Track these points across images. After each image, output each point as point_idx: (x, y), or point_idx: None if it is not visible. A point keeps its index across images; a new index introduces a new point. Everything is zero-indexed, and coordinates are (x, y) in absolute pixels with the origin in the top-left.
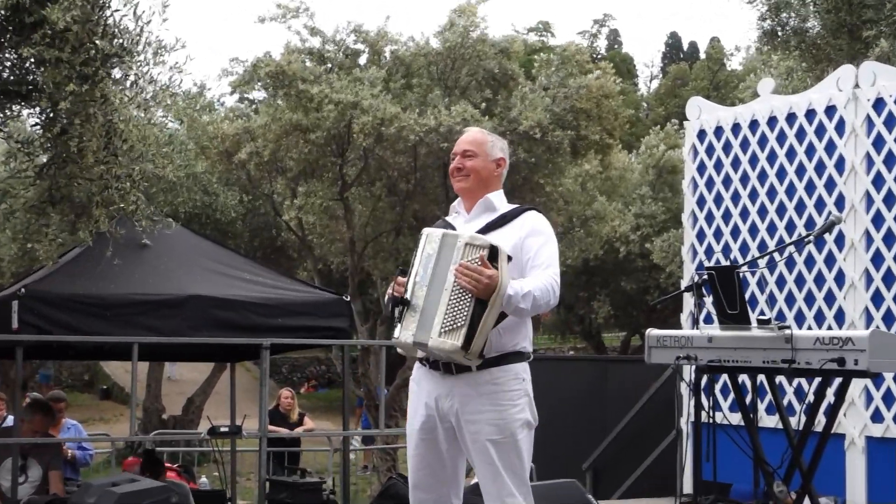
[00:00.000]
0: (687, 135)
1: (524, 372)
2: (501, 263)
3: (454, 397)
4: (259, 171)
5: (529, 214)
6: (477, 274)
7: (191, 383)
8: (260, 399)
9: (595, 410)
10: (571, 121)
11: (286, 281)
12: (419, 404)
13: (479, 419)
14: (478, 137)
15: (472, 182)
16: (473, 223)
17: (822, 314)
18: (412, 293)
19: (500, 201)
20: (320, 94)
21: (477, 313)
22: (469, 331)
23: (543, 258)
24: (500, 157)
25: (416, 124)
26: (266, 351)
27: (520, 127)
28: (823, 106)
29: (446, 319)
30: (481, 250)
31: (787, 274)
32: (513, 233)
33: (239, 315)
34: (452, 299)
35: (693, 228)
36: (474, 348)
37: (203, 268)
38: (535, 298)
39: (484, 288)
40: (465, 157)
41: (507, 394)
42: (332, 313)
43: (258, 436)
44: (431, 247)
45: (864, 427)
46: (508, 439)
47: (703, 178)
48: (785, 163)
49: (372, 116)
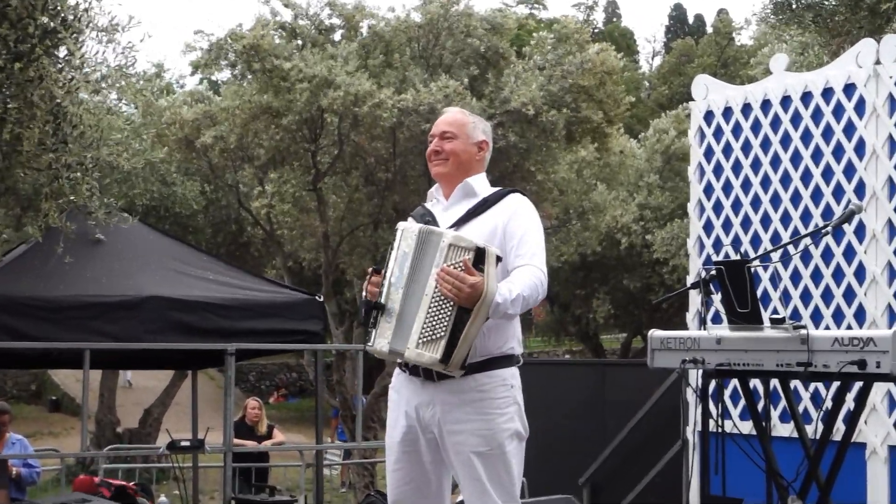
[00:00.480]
0: (693, 116)
1: (513, 377)
2: (488, 268)
3: (436, 406)
4: (223, 159)
5: (512, 197)
6: (459, 281)
7: (148, 393)
8: (224, 410)
9: (593, 419)
10: (570, 101)
11: (253, 280)
12: (399, 414)
13: (464, 430)
14: (458, 118)
15: (451, 166)
16: (453, 210)
17: (841, 312)
18: (387, 296)
19: (481, 185)
20: (294, 69)
21: (459, 323)
22: (450, 342)
23: (528, 246)
24: (481, 140)
25: (392, 102)
26: (231, 357)
27: (510, 104)
28: (842, 84)
29: (425, 329)
30: (466, 253)
31: (802, 268)
32: (494, 217)
33: (201, 318)
34: (433, 307)
35: (700, 219)
36: (455, 360)
37: (162, 266)
38: (525, 299)
39: (467, 297)
40: (443, 138)
41: (494, 402)
42: (304, 315)
43: (223, 450)
44: (407, 244)
45: (887, 435)
46: (496, 451)
47: (711, 164)
48: (800, 146)
49: (344, 92)
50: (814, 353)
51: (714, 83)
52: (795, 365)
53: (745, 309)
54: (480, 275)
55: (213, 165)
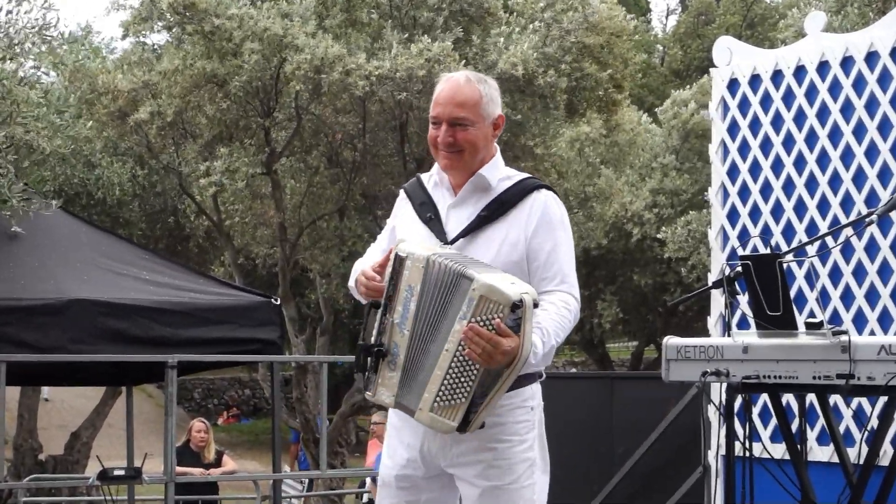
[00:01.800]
0: (714, 85)
1: (533, 397)
2: (525, 325)
3: (445, 436)
4: (161, 136)
5: (538, 198)
6: (491, 346)
7: (75, 413)
8: (165, 433)
9: (600, 441)
10: (571, 62)
11: (197, 279)
12: (398, 443)
13: (476, 461)
14: (470, 96)
15: (467, 158)
16: (462, 209)
17: (889, 315)
18: (389, 337)
19: (495, 174)
20: (242, 24)
21: (484, 388)
22: (470, 409)
23: (557, 268)
24: (498, 115)
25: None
26: (172, 370)
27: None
28: (889, 46)
29: (443, 392)
30: (499, 309)
31: (842, 264)
32: (515, 225)
33: (136, 324)
34: (454, 366)
35: (723, 206)
36: (473, 427)
37: (89, 264)
38: (557, 344)
39: (497, 363)
40: (455, 126)
41: (512, 426)
42: (258, 321)
43: (163, 480)
44: (413, 277)
45: None
46: (514, 485)
47: (736, 142)
48: (839, 120)
49: (310, 55)
50: (856, 364)
51: (739, 46)
52: (835, 377)
53: (777, 312)
54: (516, 336)
55: (150, 144)
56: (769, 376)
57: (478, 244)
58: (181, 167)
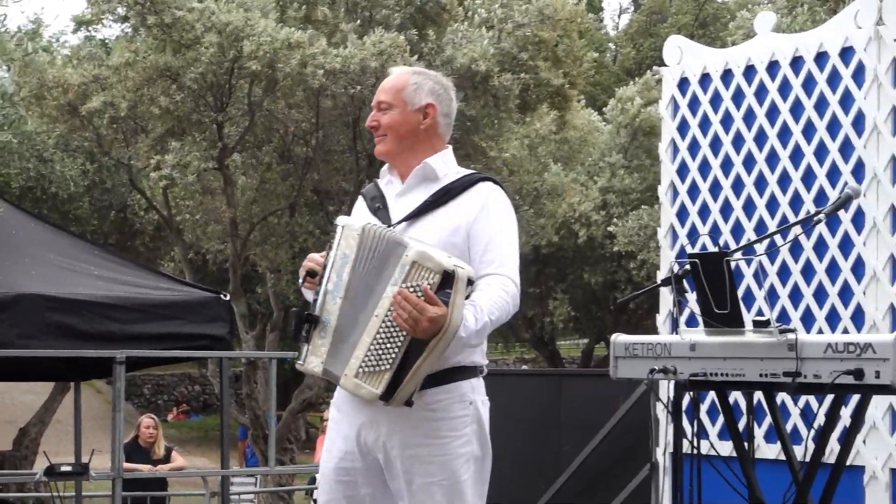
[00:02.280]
0: (665, 84)
1: (473, 391)
2: (455, 296)
3: (380, 427)
4: (113, 130)
5: (482, 187)
6: (417, 311)
7: (24, 409)
8: (113, 429)
9: (548, 439)
10: (526, 60)
11: (146, 275)
12: (338, 436)
13: (412, 455)
14: (397, 81)
15: (391, 143)
16: (408, 197)
17: (837, 314)
18: (322, 306)
19: (443, 166)
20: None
21: (409, 356)
22: (395, 376)
23: (497, 253)
24: (426, 104)
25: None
26: (120, 366)
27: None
28: (838, 47)
29: (369, 356)
30: (431, 275)
31: (791, 263)
32: (458, 211)
33: (84, 320)
34: (382, 332)
35: (673, 205)
36: (398, 397)
37: (38, 259)
38: (492, 324)
39: (423, 331)
40: (379, 110)
41: (449, 422)
42: (208, 317)
43: (111, 476)
44: (348, 244)
45: (889, 457)
46: (450, 480)
47: (686, 141)
48: (789, 120)
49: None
50: (803, 362)
51: (690, 45)
52: (782, 375)
53: (724, 310)
54: (444, 306)
55: (101, 138)
56: (716, 374)
57: (419, 228)
58: (132, 161)
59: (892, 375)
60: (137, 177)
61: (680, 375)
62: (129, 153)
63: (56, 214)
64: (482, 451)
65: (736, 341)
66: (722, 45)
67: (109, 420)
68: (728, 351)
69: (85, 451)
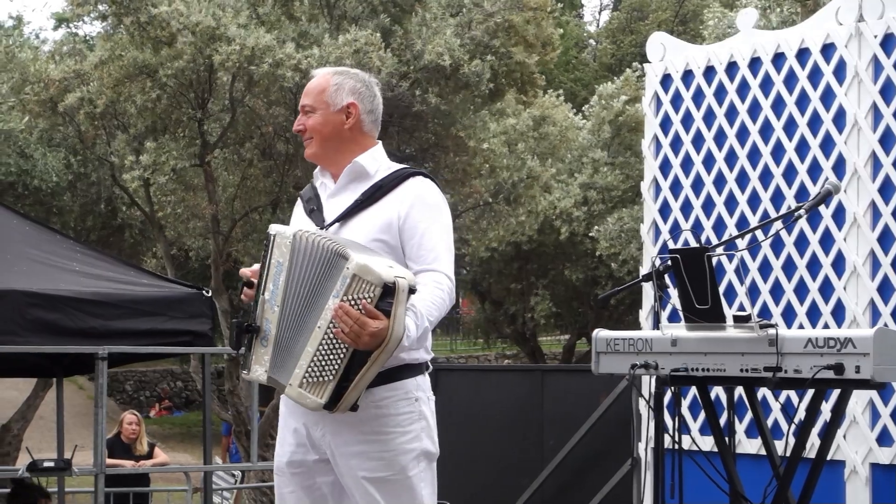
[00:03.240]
0: (648, 81)
1: (418, 389)
2: (397, 308)
3: (326, 425)
4: (94, 126)
5: (413, 182)
6: (359, 326)
7: (6, 405)
8: (95, 425)
9: (530, 435)
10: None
11: (129, 271)
12: (287, 431)
13: (359, 452)
14: (318, 84)
15: (317, 146)
16: (341, 197)
17: (817, 309)
18: (261, 315)
19: (373, 163)
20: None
21: (352, 367)
22: (338, 386)
23: (430, 247)
24: (348, 103)
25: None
26: (103, 362)
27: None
28: (819, 44)
29: (312, 368)
30: (371, 289)
31: (772, 258)
32: (390, 207)
33: (67, 316)
34: (325, 343)
35: (655, 201)
36: (343, 405)
37: (19, 254)
38: (431, 324)
39: (364, 345)
40: (304, 113)
41: (395, 418)
42: (190, 313)
43: (93, 472)
44: (280, 253)
45: (869, 452)
46: (398, 476)
47: (669, 137)
48: (771, 116)
49: (240, 45)
50: (784, 357)
51: (672, 42)
52: (762, 370)
53: (705, 305)
54: (385, 318)
55: (81, 133)
56: (697, 369)
57: (352, 227)
58: (112, 158)
59: (872, 370)
60: (119, 173)
61: (661, 371)
62: (111, 150)
63: (39, 208)
64: (431, 447)
65: (717, 336)
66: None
67: (92, 416)
68: (709, 346)
69: (67, 447)
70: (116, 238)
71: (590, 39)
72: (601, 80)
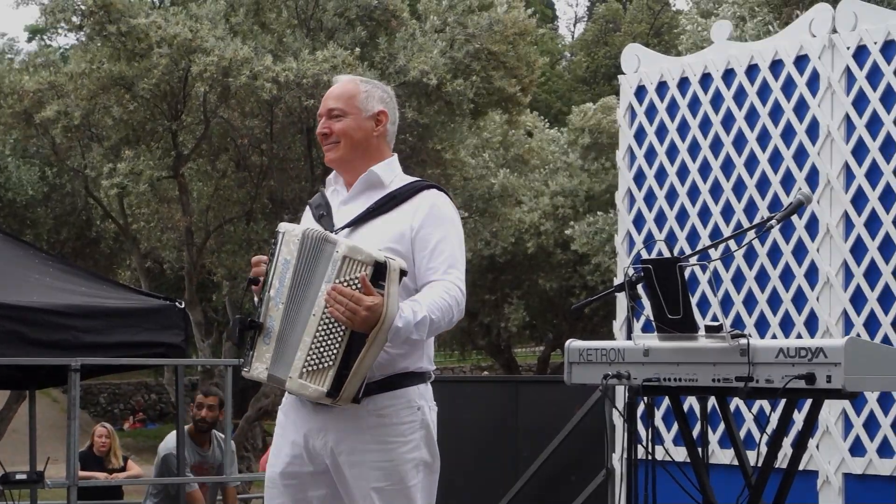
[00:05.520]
0: (622, 92)
1: (421, 397)
2: (390, 286)
3: (328, 433)
4: (68, 138)
5: (428, 194)
6: (354, 303)
7: None
8: (68, 437)
9: (504, 445)
10: (479, 70)
11: (101, 283)
12: (284, 442)
13: (360, 461)
14: (347, 89)
15: (345, 150)
16: (353, 204)
17: (790, 319)
18: (265, 313)
19: (389, 173)
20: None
21: (351, 351)
22: (340, 372)
23: (443, 258)
24: (379, 111)
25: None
26: (75, 374)
27: (408, 76)
28: (793, 55)
29: (311, 356)
30: (363, 268)
31: (745, 269)
32: (403, 218)
33: (39, 328)
34: (321, 330)
35: (630, 212)
36: (346, 394)
37: None
38: (433, 322)
39: (362, 321)
40: (331, 118)
41: (397, 428)
42: (163, 325)
43: (66, 485)
44: (289, 250)
45: (842, 462)
46: (398, 486)
47: (643, 148)
48: (744, 127)
49: (217, 57)
50: (755, 366)
51: (647, 54)
52: (734, 380)
53: (677, 315)
54: (380, 295)
55: (56, 145)
56: (670, 379)
57: (362, 234)
58: (87, 170)
59: (843, 380)
60: (93, 185)
61: (633, 381)
62: (85, 162)
63: (12, 220)
64: (431, 457)
65: (689, 346)
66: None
67: (65, 429)
68: (681, 356)
69: (41, 460)
70: (91, 250)
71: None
72: (575, 91)
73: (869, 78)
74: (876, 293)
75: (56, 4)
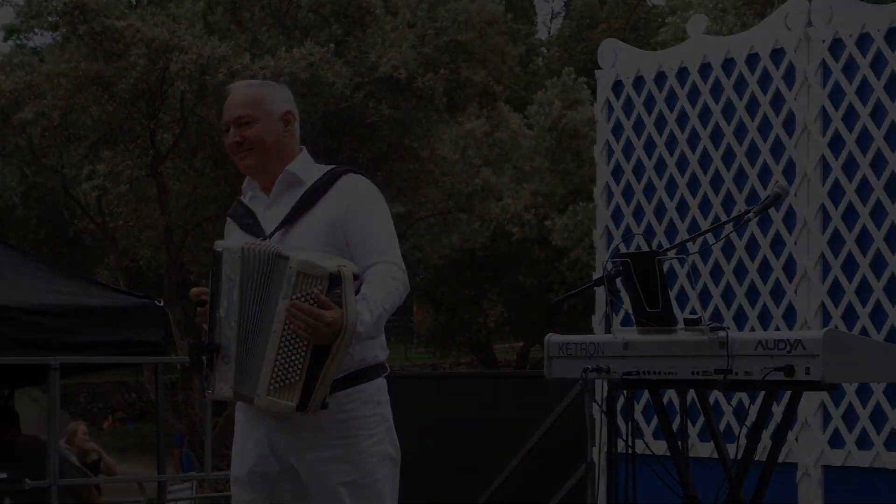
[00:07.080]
0: (599, 87)
1: (379, 392)
2: (346, 294)
3: (291, 432)
4: (46, 137)
5: (346, 180)
6: (314, 319)
7: None
8: (49, 434)
9: (484, 441)
10: (448, 62)
11: (79, 282)
12: (246, 441)
13: (326, 457)
14: (251, 93)
15: (260, 156)
16: (277, 207)
17: (768, 312)
18: (219, 332)
19: (304, 170)
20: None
21: (316, 364)
22: (306, 386)
23: (376, 242)
24: (286, 111)
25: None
26: (55, 373)
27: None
28: (769, 49)
29: (276, 373)
30: (318, 283)
31: (724, 262)
32: (328, 209)
33: (18, 327)
34: (284, 346)
35: (608, 207)
36: (314, 405)
37: None
38: (387, 312)
39: (323, 337)
40: (240, 125)
41: (360, 421)
42: (142, 323)
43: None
44: (231, 268)
45: (821, 454)
46: (366, 479)
47: (620, 143)
48: (721, 121)
49: (196, 55)
50: (734, 359)
51: (624, 49)
52: (713, 373)
53: (656, 308)
54: (337, 308)
55: (34, 145)
56: (649, 372)
57: (294, 234)
58: (65, 170)
59: (822, 371)
60: (72, 185)
61: (613, 374)
62: (63, 162)
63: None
64: (394, 451)
65: (667, 340)
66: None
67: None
68: (660, 349)
69: None
70: (70, 249)
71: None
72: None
73: (845, 71)
74: (854, 286)
75: (30, 7)
